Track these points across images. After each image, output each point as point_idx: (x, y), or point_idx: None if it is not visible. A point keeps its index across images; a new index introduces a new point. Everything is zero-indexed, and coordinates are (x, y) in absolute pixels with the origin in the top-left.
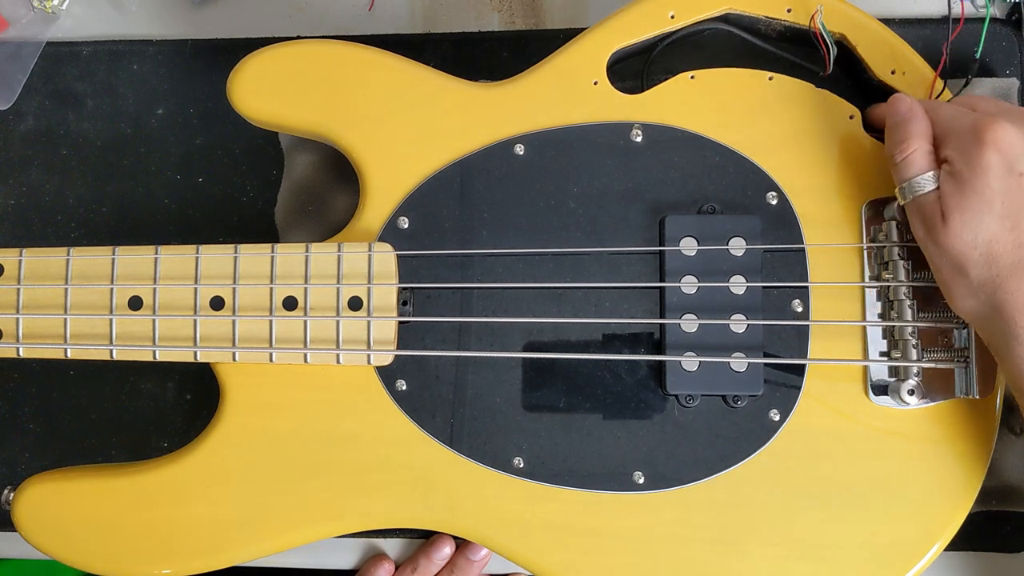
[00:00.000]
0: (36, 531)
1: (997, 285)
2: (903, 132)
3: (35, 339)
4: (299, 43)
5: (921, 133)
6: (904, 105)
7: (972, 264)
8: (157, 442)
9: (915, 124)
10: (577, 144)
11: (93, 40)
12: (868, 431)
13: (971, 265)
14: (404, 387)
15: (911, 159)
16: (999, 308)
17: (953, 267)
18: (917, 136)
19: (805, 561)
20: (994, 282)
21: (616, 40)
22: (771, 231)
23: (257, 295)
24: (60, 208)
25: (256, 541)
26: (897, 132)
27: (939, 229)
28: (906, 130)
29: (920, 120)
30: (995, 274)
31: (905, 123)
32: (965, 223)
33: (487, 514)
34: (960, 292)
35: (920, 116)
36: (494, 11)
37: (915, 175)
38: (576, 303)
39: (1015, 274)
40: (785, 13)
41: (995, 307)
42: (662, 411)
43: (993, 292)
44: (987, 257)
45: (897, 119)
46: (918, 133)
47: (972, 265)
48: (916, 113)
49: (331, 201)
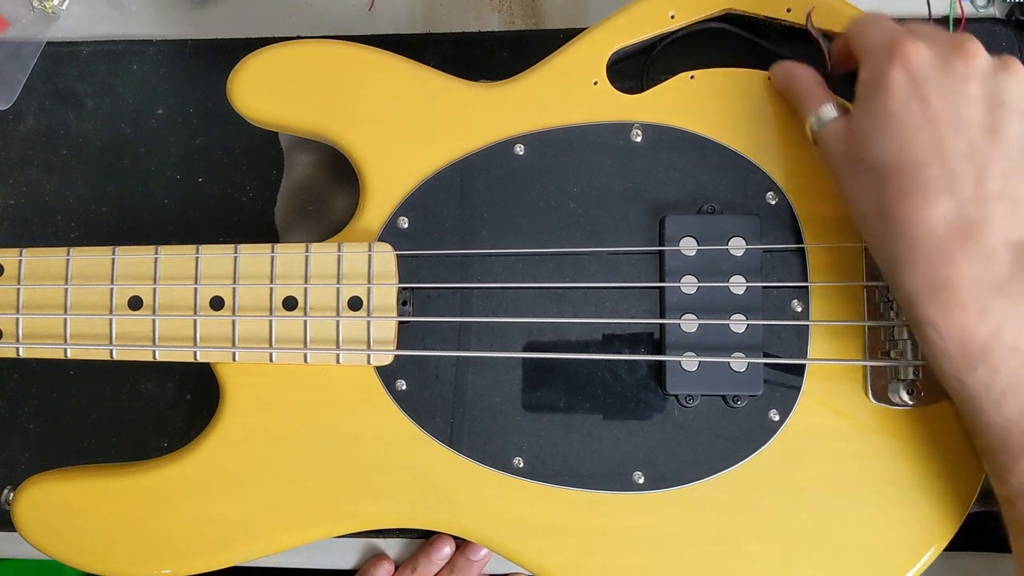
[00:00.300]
0: (36, 531)
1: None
2: (793, 87)
3: (35, 339)
4: (299, 43)
5: (805, 79)
6: (780, 70)
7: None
8: (157, 442)
9: (795, 78)
10: (577, 144)
11: (93, 40)
12: (868, 431)
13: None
14: (404, 387)
15: (807, 101)
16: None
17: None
18: (803, 83)
19: (805, 561)
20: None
21: (616, 40)
22: (771, 231)
23: (257, 295)
24: (60, 208)
25: (256, 541)
26: (790, 91)
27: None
28: (793, 85)
29: (797, 71)
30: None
31: (790, 80)
32: (861, 144)
33: (487, 514)
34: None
35: (794, 70)
36: (494, 11)
37: (815, 109)
38: (576, 303)
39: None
40: (785, 13)
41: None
42: (662, 411)
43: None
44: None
45: (783, 84)
46: (802, 81)
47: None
48: (793, 68)
49: (331, 201)
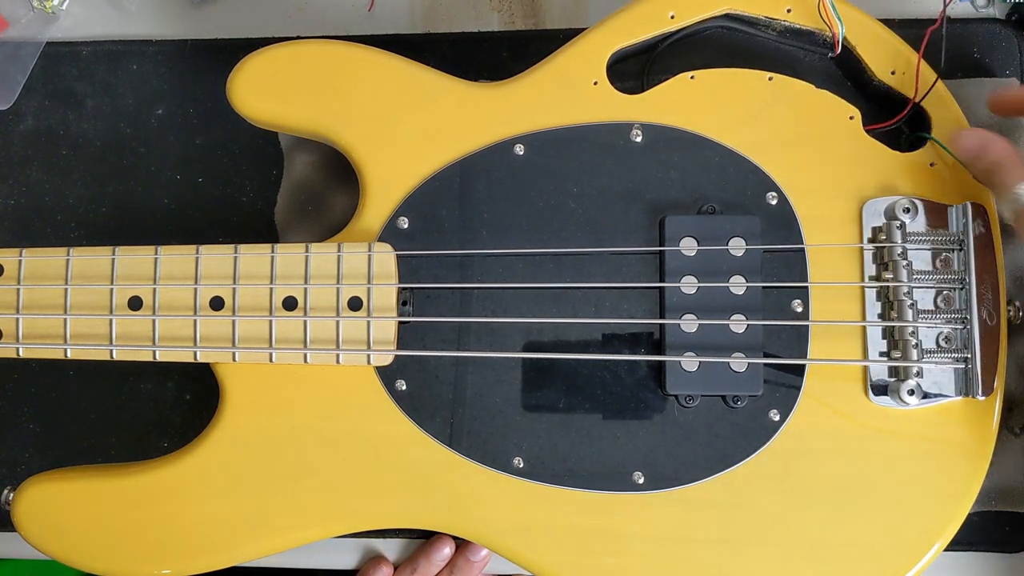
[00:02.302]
0: (36, 531)
1: None
2: (988, 163)
3: (35, 339)
4: (299, 43)
5: (1003, 149)
6: (972, 140)
7: None
8: (157, 442)
9: (990, 150)
10: (577, 144)
11: (93, 40)
12: (868, 431)
13: None
14: (404, 387)
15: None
16: None
17: None
18: (1002, 155)
19: (805, 561)
20: None
21: (616, 40)
22: (771, 231)
23: (257, 295)
24: (60, 208)
25: (256, 541)
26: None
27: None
28: (988, 159)
29: (995, 141)
30: None
31: (984, 150)
32: None
33: (487, 514)
34: None
35: (992, 138)
36: (494, 11)
37: (1014, 184)
38: (576, 303)
39: None
40: (785, 13)
41: None
42: (662, 411)
43: None
44: None
45: (973, 153)
46: (1000, 153)
47: None
48: (986, 138)
49: (331, 201)
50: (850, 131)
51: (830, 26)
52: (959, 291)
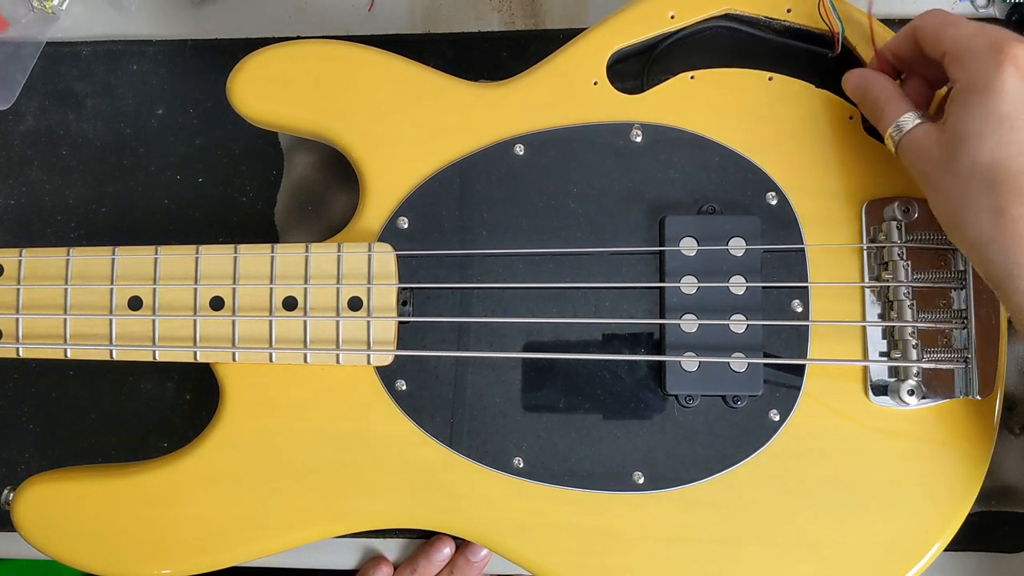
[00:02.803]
0: (36, 531)
1: (999, 211)
2: (869, 94)
3: (35, 339)
4: (298, 43)
5: (883, 86)
6: (855, 78)
7: (973, 188)
8: (157, 442)
9: (873, 84)
10: (577, 144)
11: (93, 40)
12: (868, 431)
13: (973, 189)
14: (404, 387)
15: (887, 110)
16: (999, 238)
17: (953, 195)
18: (881, 89)
19: (805, 561)
20: (995, 208)
21: (616, 40)
22: (771, 231)
23: (257, 295)
24: (60, 208)
25: (256, 541)
26: (866, 99)
27: (937, 159)
28: (870, 91)
29: (876, 79)
30: (996, 201)
31: (866, 87)
32: (968, 146)
33: (487, 514)
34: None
35: (874, 76)
36: (494, 11)
37: (893, 120)
38: (576, 303)
39: (1017, 201)
40: (785, 13)
41: (994, 237)
42: (662, 411)
43: (994, 220)
44: (990, 182)
45: (859, 92)
46: (880, 87)
47: (973, 189)
48: (868, 76)
49: (331, 201)
50: (850, 131)
51: (830, 26)
52: (959, 291)
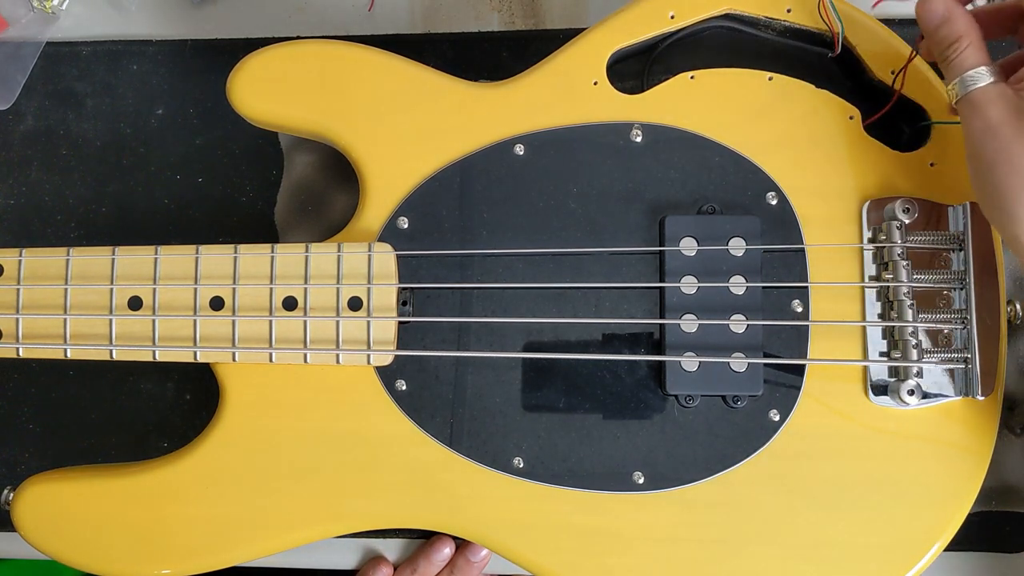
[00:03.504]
0: (36, 531)
1: None
2: (949, 29)
3: (35, 339)
4: (298, 43)
5: (968, 27)
6: (940, 6)
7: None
8: (157, 442)
9: (958, 20)
10: (577, 144)
11: (93, 40)
12: (868, 431)
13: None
14: (404, 387)
15: (965, 53)
16: None
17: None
18: (966, 31)
19: (805, 561)
20: None
21: (616, 40)
22: (771, 231)
23: (257, 295)
24: (60, 208)
25: (256, 541)
26: (941, 31)
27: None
28: (952, 27)
29: (962, 15)
30: None
31: (949, 21)
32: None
33: (487, 514)
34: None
35: (961, 12)
36: (494, 11)
37: (969, 68)
38: (576, 303)
39: None
40: (785, 13)
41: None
42: (662, 411)
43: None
44: None
45: (937, 21)
46: (965, 28)
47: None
48: (955, 10)
49: (331, 201)
50: (850, 131)
51: (830, 26)
52: (959, 291)
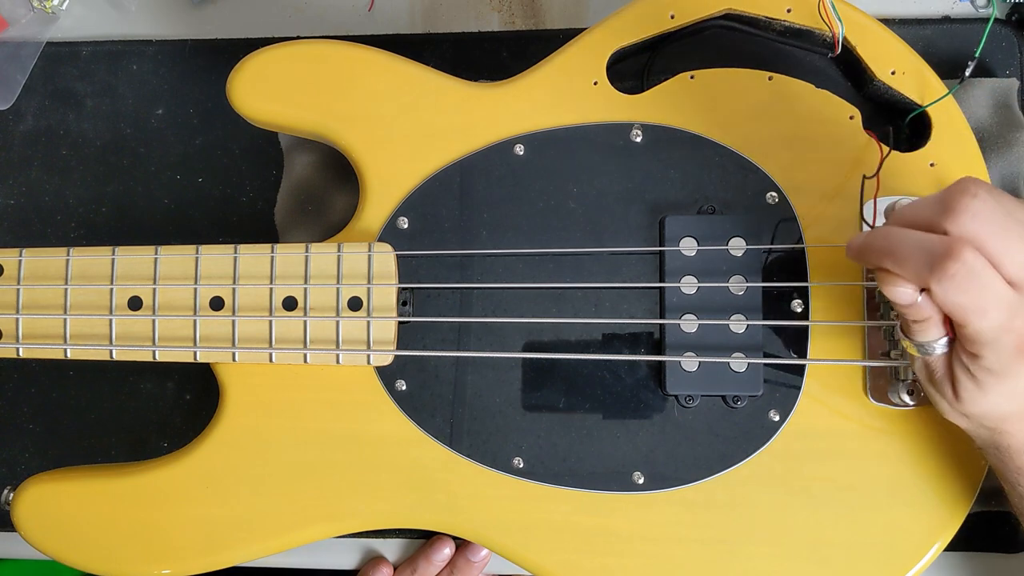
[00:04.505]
0: (36, 531)
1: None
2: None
3: (35, 339)
4: (298, 43)
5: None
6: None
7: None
8: (157, 442)
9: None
10: (577, 144)
11: (93, 40)
12: (868, 431)
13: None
14: (404, 387)
15: (927, 325)
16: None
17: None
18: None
19: (805, 561)
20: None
21: (616, 40)
22: (771, 231)
23: (257, 295)
24: (60, 208)
25: (256, 541)
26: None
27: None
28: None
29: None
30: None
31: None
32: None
33: (487, 514)
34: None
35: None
36: (494, 11)
37: (930, 340)
38: (576, 303)
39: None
40: (785, 13)
41: (995, 445)
42: (662, 411)
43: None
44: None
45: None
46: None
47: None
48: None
49: (331, 201)
50: (850, 131)
51: (830, 26)
52: None
